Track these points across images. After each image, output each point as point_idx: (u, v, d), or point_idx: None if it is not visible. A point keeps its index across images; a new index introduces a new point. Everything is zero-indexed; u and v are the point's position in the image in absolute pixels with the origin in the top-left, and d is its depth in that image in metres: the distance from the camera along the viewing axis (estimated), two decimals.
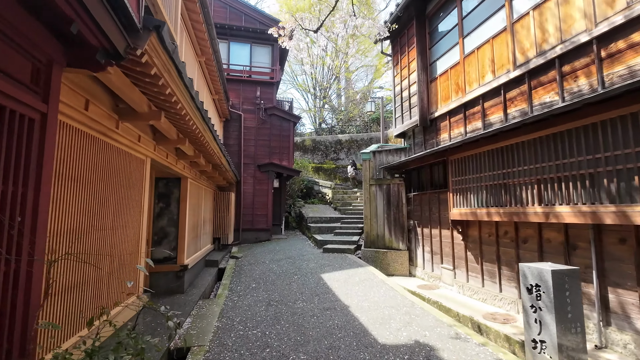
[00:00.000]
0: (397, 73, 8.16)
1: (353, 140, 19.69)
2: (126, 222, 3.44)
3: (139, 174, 3.65)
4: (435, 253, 6.72)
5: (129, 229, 3.54)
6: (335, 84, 24.73)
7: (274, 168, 11.51)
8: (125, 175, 3.36)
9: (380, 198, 8.12)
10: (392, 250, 7.80)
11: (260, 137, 11.63)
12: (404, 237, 7.76)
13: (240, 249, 10.07)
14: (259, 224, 11.27)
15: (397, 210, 7.91)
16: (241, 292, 5.91)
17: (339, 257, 8.28)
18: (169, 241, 5.90)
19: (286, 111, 12.00)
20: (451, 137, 6.34)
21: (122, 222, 3.35)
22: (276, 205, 12.44)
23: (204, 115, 3.84)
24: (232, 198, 10.15)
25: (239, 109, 11.50)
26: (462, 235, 5.81)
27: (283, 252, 9.18)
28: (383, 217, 8.04)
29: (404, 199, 7.85)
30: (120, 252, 3.31)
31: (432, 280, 6.78)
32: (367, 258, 8.00)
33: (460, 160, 5.62)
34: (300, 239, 11.18)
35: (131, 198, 3.52)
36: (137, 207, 3.71)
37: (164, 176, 5.90)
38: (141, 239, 3.82)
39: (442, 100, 6.65)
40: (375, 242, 8.08)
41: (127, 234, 3.48)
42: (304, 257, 8.38)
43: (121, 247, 3.35)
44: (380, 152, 8.27)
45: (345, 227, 10.73)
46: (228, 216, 9.81)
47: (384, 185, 8.12)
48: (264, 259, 8.46)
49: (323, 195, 16.90)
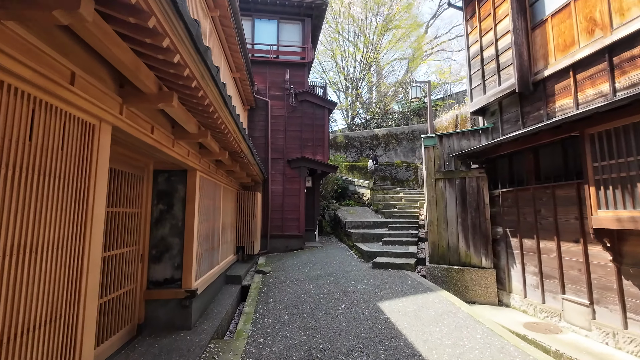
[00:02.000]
0: (473, 28, 6.08)
1: (392, 134, 17.54)
2: (47, 240, 1.75)
3: (76, 150, 1.94)
4: (549, 276, 4.57)
5: (51, 251, 1.83)
6: (367, 76, 22.74)
7: (306, 164, 9.76)
8: (50, 149, 1.69)
9: (452, 197, 6.06)
10: (471, 268, 5.70)
11: (290, 127, 9.94)
12: (488, 250, 5.65)
13: (268, 260, 8.38)
14: (290, 230, 9.55)
15: (476, 213, 5.81)
16: (269, 328, 4.16)
17: (396, 275, 6.30)
18: (172, 257, 4.26)
19: (320, 96, 10.23)
20: (578, 101, 4.19)
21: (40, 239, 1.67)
22: (309, 208, 10.68)
23: (204, 54, 2.12)
24: (258, 199, 8.51)
25: (266, 95, 9.89)
26: (612, 252, 3.66)
27: (321, 265, 7.35)
28: (456, 223, 5.97)
29: (487, 197, 5.73)
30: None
31: (543, 317, 4.63)
32: (435, 278, 5.96)
33: (613, 133, 3.49)
34: (339, 248, 9.30)
35: (52, 196, 1.78)
36: (71, 214, 1.96)
37: (165, 168, 4.30)
38: (85, 267, 2.04)
39: (557, 51, 4.51)
40: (445, 257, 6.02)
41: (45, 258, 1.78)
42: (348, 275, 6.49)
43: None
44: (450, 136, 6.22)
45: (395, 235, 8.71)
46: (254, 221, 8.16)
47: (455, 179, 6.05)
48: (298, 275, 6.67)
49: (360, 196, 14.96)
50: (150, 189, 4.19)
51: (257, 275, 6.80)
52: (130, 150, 3.47)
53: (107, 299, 3.29)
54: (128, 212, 3.73)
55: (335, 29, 22.26)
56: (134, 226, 3.86)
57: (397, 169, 16.63)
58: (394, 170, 16.69)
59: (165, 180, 4.35)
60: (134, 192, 3.85)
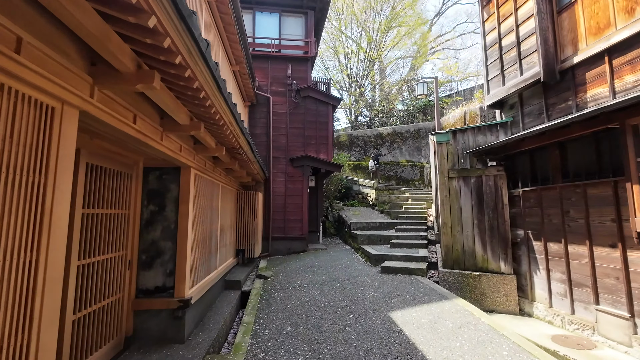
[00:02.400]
0: (490, 14, 5.66)
1: (396, 132, 17.10)
2: None
3: (30, 137, 1.55)
4: (580, 284, 4.14)
5: None
6: (370, 74, 22.28)
7: (309, 162, 9.36)
8: None
9: (467, 197, 5.64)
10: (489, 274, 5.28)
11: (292, 124, 9.54)
12: (508, 254, 5.21)
13: (269, 263, 7.99)
14: (293, 232, 9.15)
15: (494, 214, 5.38)
16: (270, 341, 3.76)
17: (407, 281, 5.87)
18: (163, 262, 3.87)
19: (323, 92, 9.82)
20: (615, 90, 3.76)
21: None
22: (312, 208, 10.28)
23: (189, 19, 1.72)
24: (259, 199, 8.12)
25: (267, 91, 9.50)
26: None
27: (325, 270, 6.94)
28: (472, 224, 5.55)
29: (506, 197, 5.30)
30: None
31: (573, 329, 4.20)
32: (449, 284, 5.54)
33: None
34: (344, 251, 8.88)
35: None
36: (20, 218, 1.59)
37: (156, 165, 3.91)
38: (39, 284, 1.63)
39: (589, 35, 4.08)
40: (459, 261, 5.60)
41: None
42: (356, 280, 6.07)
43: None
44: (464, 132, 5.79)
45: (404, 237, 8.29)
46: (254, 222, 7.77)
47: (471, 177, 5.63)
48: (301, 280, 6.26)
49: (364, 196, 14.53)
50: (139, 188, 3.81)
51: (257, 280, 6.40)
52: (115, 144, 3.08)
53: (88, 311, 2.90)
54: (114, 213, 3.34)
55: (338, 26, 21.86)
56: (121, 229, 3.47)
57: (403, 168, 16.20)
58: (399, 170, 16.26)
59: (156, 179, 3.96)
60: (121, 191, 3.46)
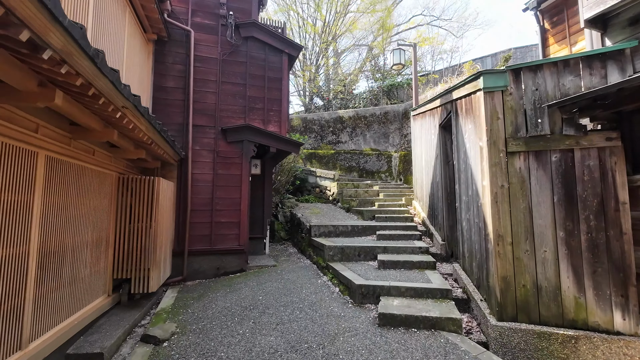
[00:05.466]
0: None
1: (360, 116, 14.56)
2: None
3: None
4: None
5: None
6: (324, 60, 19.41)
7: (252, 136, 6.18)
8: None
9: (543, 188, 3.08)
10: (594, 335, 2.77)
11: (227, 77, 6.24)
12: (629, 296, 2.77)
13: (180, 298, 4.69)
14: (225, 241, 5.92)
15: (598, 220, 2.89)
16: None
17: (434, 346, 3.15)
18: None
19: (275, 33, 6.67)
20: None
21: None
22: (256, 206, 7.13)
23: None
24: (163, 190, 4.74)
25: (187, 22, 6.05)
26: None
27: (277, 316, 3.90)
28: (553, 239, 3.00)
29: (623, 189, 2.85)
30: None
31: None
32: (513, 350, 2.93)
33: None
34: (303, 269, 5.91)
35: None
36: None
37: None
38: None
39: None
40: (529, 307, 3.02)
41: None
42: (338, 351, 3.16)
43: None
44: (538, 69, 3.21)
45: (393, 250, 5.60)
46: (152, 229, 4.41)
47: (552, 153, 3.08)
48: (230, 350, 3.15)
49: (322, 190, 11.76)
50: None
51: (140, 350, 3.13)
52: None
53: None
54: None
55: None
56: None
57: (367, 157, 13.77)
58: (362, 160, 13.79)
59: None
60: None
